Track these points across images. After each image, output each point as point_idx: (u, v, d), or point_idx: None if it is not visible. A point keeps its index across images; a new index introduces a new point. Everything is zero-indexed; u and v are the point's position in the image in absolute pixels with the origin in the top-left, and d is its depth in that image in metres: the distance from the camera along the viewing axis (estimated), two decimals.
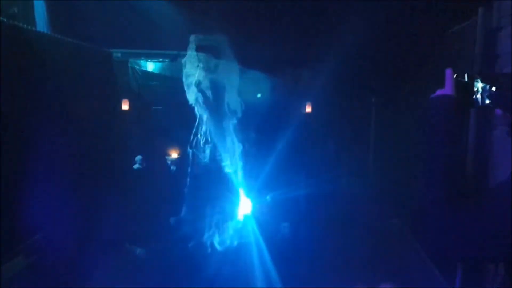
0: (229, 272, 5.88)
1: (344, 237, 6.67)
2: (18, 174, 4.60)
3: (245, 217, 7.77)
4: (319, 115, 8.37)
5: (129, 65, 8.12)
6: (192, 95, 6.98)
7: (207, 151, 6.96)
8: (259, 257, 6.09)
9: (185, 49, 7.05)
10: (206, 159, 6.94)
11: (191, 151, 7.03)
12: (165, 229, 6.57)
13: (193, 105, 7.02)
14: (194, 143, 6.99)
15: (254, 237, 6.77)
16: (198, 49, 6.98)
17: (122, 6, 6.68)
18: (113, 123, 7.48)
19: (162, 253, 6.17)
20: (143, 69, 8.32)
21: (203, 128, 7.02)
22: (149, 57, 8.15)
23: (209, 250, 6.54)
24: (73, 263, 5.19)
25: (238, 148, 7.27)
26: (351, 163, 8.50)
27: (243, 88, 7.77)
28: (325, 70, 8.10)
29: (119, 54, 7.88)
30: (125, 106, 7.99)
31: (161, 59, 8.12)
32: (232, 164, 7.15)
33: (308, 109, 8.32)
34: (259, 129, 8.98)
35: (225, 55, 6.96)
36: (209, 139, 6.97)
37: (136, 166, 7.29)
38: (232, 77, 7.22)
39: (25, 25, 5.00)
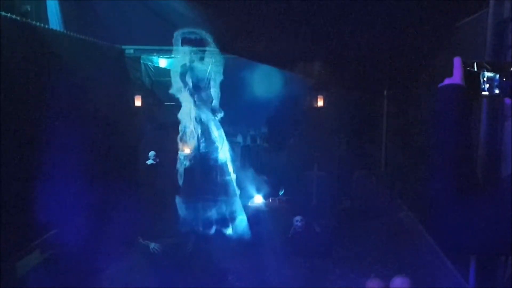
0: (242, 264, 5.91)
1: (357, 230, 6.66)
2: (33, 172, 4.67)
3: (258, 211, 7.81)
4: (331, 108, 8.34)
5: (141, 61, 8.17)
6: (176, 89, 7.08)
7: (195, 145, 7.00)
8: (272, 250, 6.10)
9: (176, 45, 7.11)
10: (194, 153, 6.96)
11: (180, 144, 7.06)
12: (177, 223, 6.61)
13: (179, 99, 7.10)
14: (181, 137, 7.03)
15: (267, 230, 6.79)
16: (183, 43, 7.03)
17: (134, 3, 6.73)
18: (126, 119, 7.54)
19: (175, 247, 6.21)
20: (155, 65, 8.36)
21: (189, 122, 7.05)
22: (161, 53, 8.19)
23: (222, 243, 6.57)
24: (87, 257, 5.26)
25: (224, 139, 7.31)
26: (363, 156, 8.46)
27: (254, 82, 7.79)
28: (336, 64, 8.07)
29: (132, 51, 7.94)
30: (138, 102, 8.04)
31: (173, 55, 8.15)
32: (221, 155, 7.19)
33: (320, 102, 8.30)
34: (271, 124, 9.00)
35: (210, 47, 7.02)
36: (196, 132, 7.01)
37: (149, 161, 7.34)
38: (217, 69, 7.31)
39: (38, 23, 5.06)
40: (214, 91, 7.27)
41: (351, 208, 7.85)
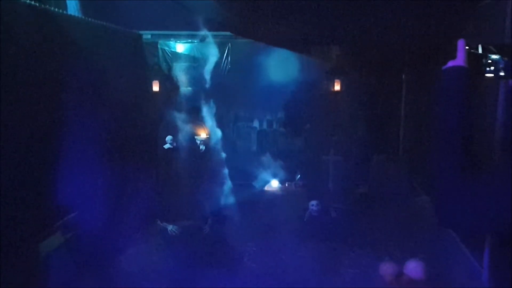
0: (258, 247, 5.99)
1: (372, 215, 6.65)
2: (53, 155, 4.76)
3: (274, 195, 7.86)
4: (348, 92, 8.27)
5: (159, 46, 8.21)
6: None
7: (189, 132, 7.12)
8: (287, 233, 6.15)
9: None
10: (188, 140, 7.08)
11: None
12: (195, 206, 6.68)
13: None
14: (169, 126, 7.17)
15: (283, 215, 6.83)
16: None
17: None
18: (144, 104, 7.62)
19: (192, 230, 6.30)
20: (172, 50, 8.39)
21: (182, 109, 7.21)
22: (178, 38, 8.22)
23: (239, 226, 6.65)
24: (107, 240, 5.38)
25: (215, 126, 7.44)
26: (380, 141, 8.40)
27: (271, 67, 7.77)
28: (354, 48, 7.99)
29: (149, 36, 7.97)
30: (155, 87, 8.10)
31: (190, 40, 8.18)
32: (212, 142, 7.28)
33: (337, 87, 8.22)
34: (287, 108, 8.99)
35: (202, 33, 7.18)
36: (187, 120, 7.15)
37: (167, 145, 7.40)
38: (208, 55, 7.44)
39: (56, 9, 5.11)
40: (204, 79, 7.41)
41: (367, 193, 7.83)
